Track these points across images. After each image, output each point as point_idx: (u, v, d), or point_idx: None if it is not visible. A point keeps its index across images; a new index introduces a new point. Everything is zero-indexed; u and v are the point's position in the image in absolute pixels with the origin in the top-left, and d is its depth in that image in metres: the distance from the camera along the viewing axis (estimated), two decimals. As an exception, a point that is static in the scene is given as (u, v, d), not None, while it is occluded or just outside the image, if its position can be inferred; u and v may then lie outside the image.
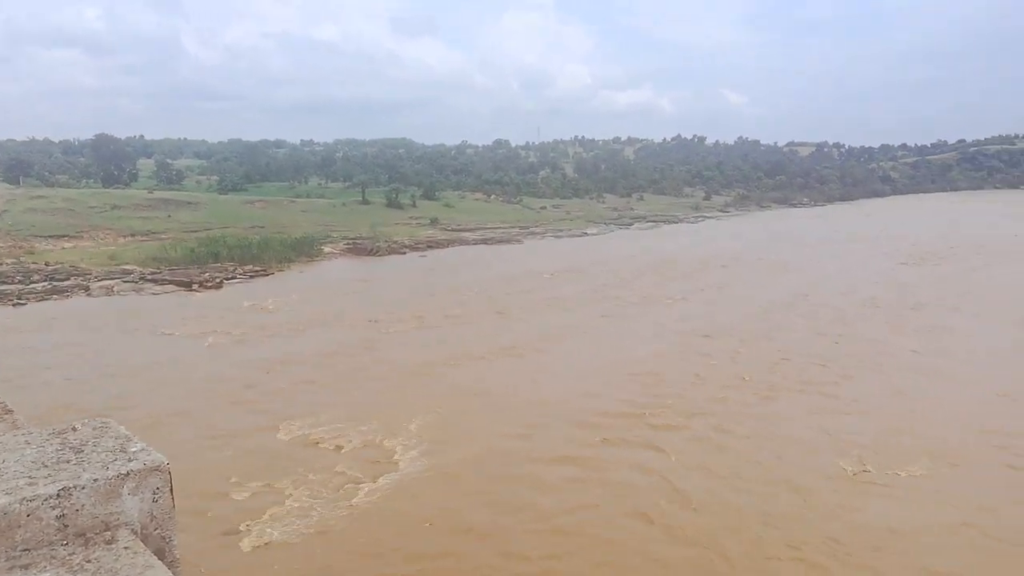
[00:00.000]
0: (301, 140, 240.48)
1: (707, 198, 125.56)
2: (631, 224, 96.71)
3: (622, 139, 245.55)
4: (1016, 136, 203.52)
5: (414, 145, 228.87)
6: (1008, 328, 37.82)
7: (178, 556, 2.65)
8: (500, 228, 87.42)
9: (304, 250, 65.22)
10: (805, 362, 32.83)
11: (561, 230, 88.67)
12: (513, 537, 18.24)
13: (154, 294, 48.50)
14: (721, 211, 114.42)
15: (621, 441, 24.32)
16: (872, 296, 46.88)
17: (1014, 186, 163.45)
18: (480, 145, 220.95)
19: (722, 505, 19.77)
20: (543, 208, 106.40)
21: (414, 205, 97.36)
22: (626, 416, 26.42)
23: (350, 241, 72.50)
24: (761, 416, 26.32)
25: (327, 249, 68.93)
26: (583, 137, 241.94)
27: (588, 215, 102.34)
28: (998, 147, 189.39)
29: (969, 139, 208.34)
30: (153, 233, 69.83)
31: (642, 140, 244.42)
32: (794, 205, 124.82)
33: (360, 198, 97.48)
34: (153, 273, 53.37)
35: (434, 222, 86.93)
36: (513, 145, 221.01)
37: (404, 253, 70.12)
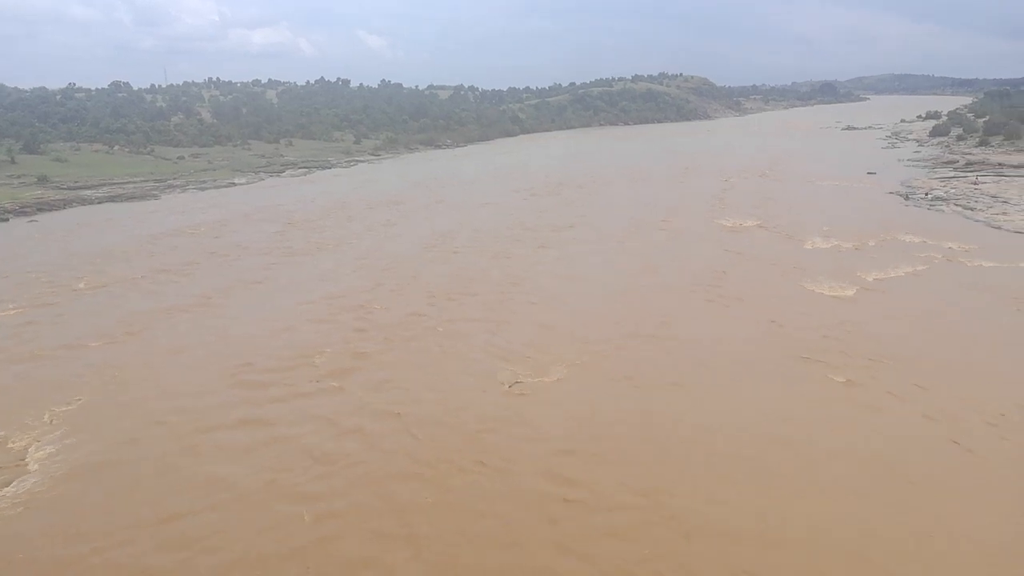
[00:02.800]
0: None
1: (357, 142, 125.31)
2: (283, 171, 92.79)
3: (262, 81, 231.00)
4: (614, 79, 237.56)
5: (3, 90, 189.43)
6: (618, 242, 44.89)
7: None
8: (131, 183, 77.53)
9: None
10: (471, 282, 36.31)
11: (205, 181, 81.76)
12: (178, 520, 17.13)
13: None
14: (372, 155, 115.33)
15: (308, 390, 24.07)
16: (519, 221, 52.27)
17: (613, 123, 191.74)
18: (94, 88, 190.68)
19: (406, 431, 20.83)
20: (180, 158, 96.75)
21: (13, 161, 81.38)
22: (304, 360, 26.31)
23: (-74, 209, 58.39)
24: (437, 341, 28.29)
25: None
26: (218, 79, 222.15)
27: (234, 164, 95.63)
28: (600, 89, 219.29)
29: (578, 83, 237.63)
30: None
31: (284, 83, 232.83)
32: (439, 147, 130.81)
33: (-67, 155, 78.56)
34: None
35: (43, 180, 73.83)
36: (136, 88, 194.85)
37: (7, 219, 58.73)
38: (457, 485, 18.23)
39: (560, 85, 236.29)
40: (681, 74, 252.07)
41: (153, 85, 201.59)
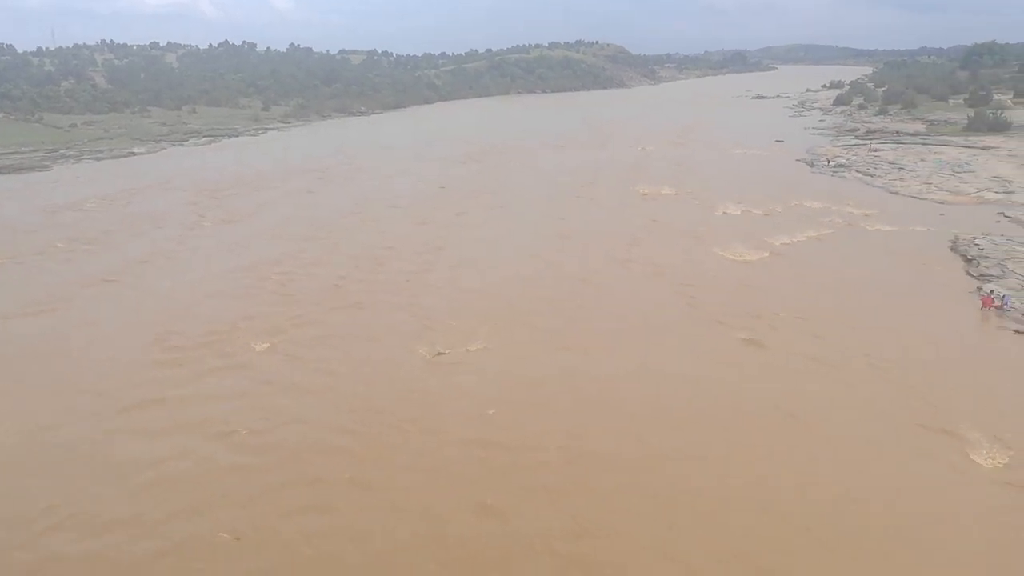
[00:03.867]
0: None
1: (266, 108, 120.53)
2: (186, 140, 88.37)
3: (161, 44, 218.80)
4: (531, 46, 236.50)
5: None
6: (538, 208, 44.90)
7: None
8: (18, 153, 72.31)
9: None
10: (393, 249, 36.17)
11: (101, 151, 77.01)
12: (95, 505, 16.21)
13: None
14: (282, 122, 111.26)
15: (230, 364, 23.43)
16: (440, 188, 52.03)
17: (531, 91, 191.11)
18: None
19: (328, 408, 20.32)
20: (73, 126, 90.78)
21: None
22: (225, 334, 25.61)
23: None
24: (359, 312, 27.97)
25: None
26: (112, 42, 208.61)
27: (132, 132, 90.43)
28: (517, 56, 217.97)
29: (495, 49, 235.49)
30: None
31: (185, 46, 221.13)
32: (353, 114, 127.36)
33: None
34: None
35: (-83, 150, 68.02)
36: (21, 51, 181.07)
37: None
38: (382, 458, 17.92)
39: (477, 52, 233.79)
40: (597, 42, 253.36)
41: (40, 48, 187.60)
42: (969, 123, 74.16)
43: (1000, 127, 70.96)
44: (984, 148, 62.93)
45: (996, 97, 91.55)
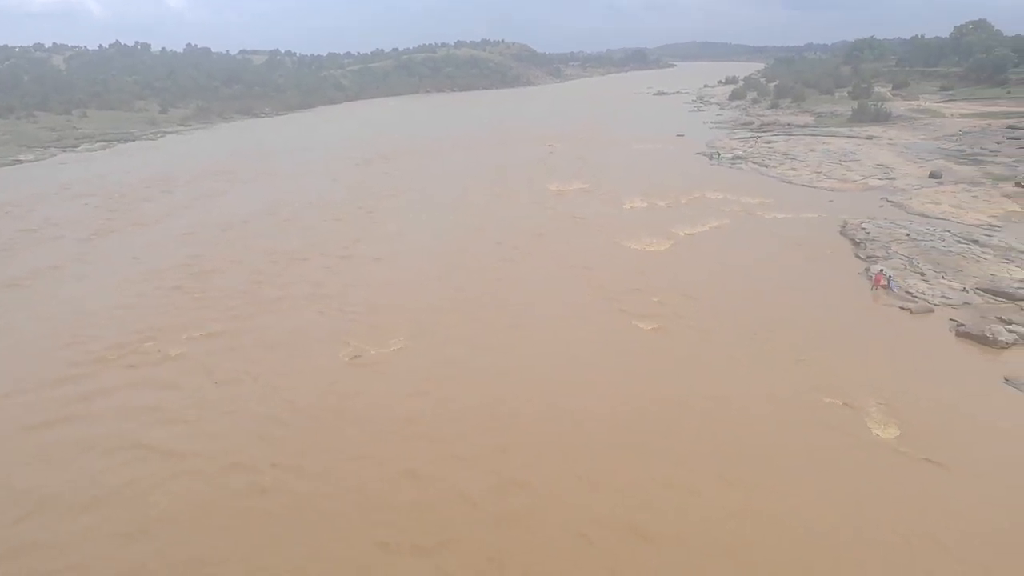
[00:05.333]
0: None
1: (164, 111, 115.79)
2: (78, 145, 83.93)
3: (46, 46, 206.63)
4: (437, 45, 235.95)
5: None
6: (450, 207, 45.28)
7: None
8: None
9: None
10: (304, 251, 35.74)
11: (-17, 159, 72.33)
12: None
13: None
14: (182, 125, 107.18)
15: (139, 377, 22.82)
16: (351, 189, 51.30)
17: (439, 90, 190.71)
18: None
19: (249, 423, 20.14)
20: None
21: None
22: (135, 344, 25.08)
23: None
24: (274, 315, 27.68)
25: None
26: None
27: (18, 138, 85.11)
28: (424, 55, 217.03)
29: (401, 48, 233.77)
30: None
31: (73, 47, 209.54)
32: (257, 116, 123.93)
33: None
34: None
35: None
36: None
37: None
38: (307, 467, 17.96)
39: (383, 51, 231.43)
40: (503, 40, 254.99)
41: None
42: (853, 115, 79.16)
43: (881, 118, 76.14)
44: (868, 138, 67.42)
45: (877, 89, 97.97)
